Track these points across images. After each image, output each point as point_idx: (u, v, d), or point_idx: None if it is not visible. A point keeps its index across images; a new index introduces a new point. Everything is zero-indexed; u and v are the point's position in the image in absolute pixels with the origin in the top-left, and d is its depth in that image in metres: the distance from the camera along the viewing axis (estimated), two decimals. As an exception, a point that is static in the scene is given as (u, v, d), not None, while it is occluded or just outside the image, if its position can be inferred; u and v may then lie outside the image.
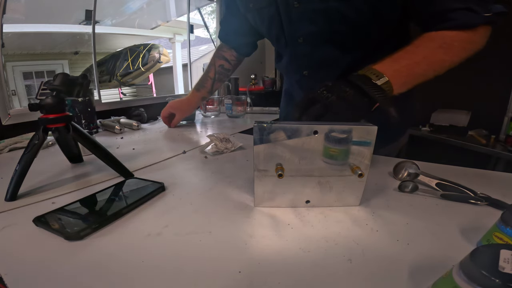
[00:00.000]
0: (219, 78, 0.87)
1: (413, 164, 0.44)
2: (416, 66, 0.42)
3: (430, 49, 0.44)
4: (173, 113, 0.92)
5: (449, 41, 0.43)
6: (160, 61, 4.07)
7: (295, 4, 0.52)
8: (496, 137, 1.53)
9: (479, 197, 0.36)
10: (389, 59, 0.42)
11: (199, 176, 0.49)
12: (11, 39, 3.05)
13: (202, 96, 0.90)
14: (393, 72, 0.40)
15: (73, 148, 0.55)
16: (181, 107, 0.92)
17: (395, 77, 0.39)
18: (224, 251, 0.28)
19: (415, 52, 0.43)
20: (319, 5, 0.50)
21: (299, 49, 0.59)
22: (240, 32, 0.75)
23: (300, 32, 0.56)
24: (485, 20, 0.42)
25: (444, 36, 0.44)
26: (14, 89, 3.85)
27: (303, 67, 0.63)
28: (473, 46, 0.45)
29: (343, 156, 0.34)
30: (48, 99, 0.43)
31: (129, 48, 4.23)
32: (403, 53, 0.43)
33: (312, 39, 0.57)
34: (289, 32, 0.58)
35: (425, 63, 0.43)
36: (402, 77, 0.41)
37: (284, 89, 0.85)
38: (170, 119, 0.93)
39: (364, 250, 0.27)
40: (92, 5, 1.27)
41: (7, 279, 0.24)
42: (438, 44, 0.44)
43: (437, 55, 0.43)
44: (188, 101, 0.91)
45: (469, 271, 0.17)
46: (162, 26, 3.93)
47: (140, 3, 3.27)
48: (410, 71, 0.42)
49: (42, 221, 0.32)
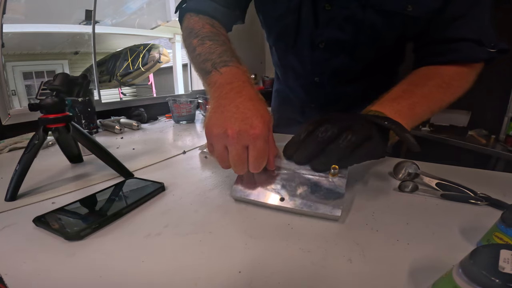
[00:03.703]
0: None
1: (413, 164, 0.44)
2: (416, 106, 0.40)
3: (428, 88, 0.42)
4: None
5: (447, 80, 0.42)
6: (160, 61, 4.07)
7: (326, 7, 0.48)
8: (496, 137, 1.53)
9: (479, 197, 0.36)
10: (388, 98, 0.40)
11: (199, 176, 0.49)
12: (11, 39, 3.05)
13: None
14: (395, 114, 0.37)
15: (73, 148, 0.55)
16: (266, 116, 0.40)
17: (397, 118, 0.35)
18: (224, 251, 0.28)
19: (414, 91, 0.41)
20: (354, 13, 0.46)
21: (316, 54, 0.56)
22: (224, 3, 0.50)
23: (324, 36, 0.52)
24: (489, 55, 0.41)
25: (443, 74, 0.42)
26: (14, 89, 3.85)
27: (315, 73, 0.59)
28: (468, 84, 0.44)
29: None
30: (48, 99, 0.43)
31: (129, 48, 4.23)
32: (401, 92, 0.41)
33: (335, 46, 0.53)
34: (309, 34, 0.53)
35: (424, 103, 0.41)
36: (404, 119, 0.37)
37: (276, 89, 0.80)
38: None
39: (364, 250, 0.27)
40: (92, 5, 1.27)
41: (7, 279, 0.24)
42: (437, 83, 0.42)
43: (436, 95, 0.42)
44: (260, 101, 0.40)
45: (469, 271, 0.17)
46: (162, 26, 3.92)
47: (140, 3, 3.27)
48: (411, 112, 0.39)
49: (42, 221, 0.32)
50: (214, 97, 0.34)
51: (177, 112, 1.04)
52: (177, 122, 1.06)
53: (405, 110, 0.38)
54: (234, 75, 0.36)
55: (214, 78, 0.36)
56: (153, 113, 1.16)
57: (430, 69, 0.43)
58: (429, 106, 0.41)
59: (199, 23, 0.46)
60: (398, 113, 0.37)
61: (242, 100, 0.32)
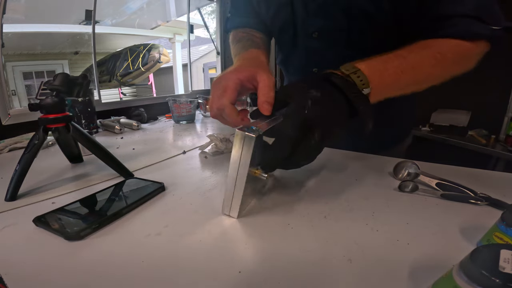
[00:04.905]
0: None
1: (413, 164, 0.44)
2: (401, 76, 0.37)
3: (421, 57, 0.40)
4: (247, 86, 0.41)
5: (444, 51, 0.40)
6: (160, 61, 4.08)
7: None
8: (496, 137, 1.53)
9: (479, 197, 0.36)
10: (378, 60, 0.38)
11: (199, 176, 0.49)
12: (11, 39, 3.06)
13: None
14: (378, 81, 0.35)
15: (73, 148, 0.55)
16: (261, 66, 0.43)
17: (378, 87, 0.35)
18: (224, 251, 0.28)
19: (406, 57, 0.39)
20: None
21: (311, 45, 0.56)
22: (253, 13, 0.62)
23: (316, 26, 0.53)
24: (492, 33, 0.39)
25: (441, 45, 0.40)
26: (14, 89, 3.85)
27: (313, 64, 0.59)
28: (467, 62, 0.41)
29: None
30: (48, 99, 0.43)
31: (129, 48, 4.24)
32: (393, 56, 0.39)
33: (328, 35, 0.53)
34: (303, 25, 0.54)
35: (412, 74, 0.39)
36: (384, 88, 0.36)
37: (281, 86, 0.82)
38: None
39: (364, 250, 0.27)
40: (92, 5, 1.27)
41: (7, 279, 0.24)
42: (432, 53, 0.40)
43: (427, 67, 0.39)
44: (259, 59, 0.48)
45: (469, 271, 0.17)
46: (162, 26, 3.93)
47: (140, 3, 3.28)
48: (394, 81, 0.37)
49: (42, 221, 0.32)
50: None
51: (177, 112, 1.04)
52: (177, 122, 1.06)
53: (388, 79, 0.37)
54: (242, 55, 0.50)
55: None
56: (153, 113, 1.16)
57: (429, 40, 0.41)
58: (415, 78, 0.39)
59: (236, 33, 0.63)
60: (381, 81, 0.36)
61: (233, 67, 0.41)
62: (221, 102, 0.36)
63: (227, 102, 0.35)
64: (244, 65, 0.41)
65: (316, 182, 0.45)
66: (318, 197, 0.39)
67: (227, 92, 0.36)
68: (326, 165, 0.52)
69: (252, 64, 0.41)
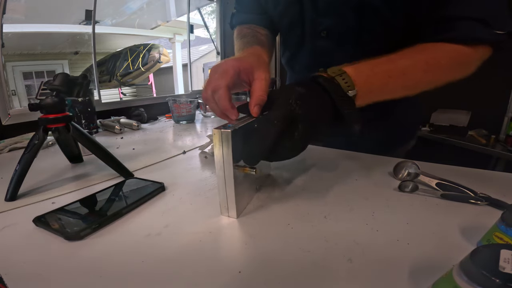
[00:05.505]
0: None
1: (413, 164, 0.44)
2: (389, 80, 0.37)
3: (413, 62, 0.38)
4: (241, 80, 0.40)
5: (438, 56, 0.38)
6: (160, 61, 4.08)
7: None
8: (496, 137, 1.52)
9: (479, 197, 0.36)
10: (367, 64, 0.37)
11: (199, 176, 0.49)
12: (11, 39, 3.06)
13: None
14: (364, 84, 0.34)
15: (73, 148, 0.55)
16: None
17: (363, 90, 0.34)
18: (224, 251, 0.28)
19: (397, 62, 0.38)
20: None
21: (319, 44, 0.54)
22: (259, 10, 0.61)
23: (325, 24, 0.51)
24: (495, 38, 0.37)
25: (437, 50, 0.39)
26: (14, 89, 3.85)
27: (320, 64, 0.55)
28: (465, 68, 0.40)
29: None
30: (48, 99, 0.43)
31: (129, 48, 4.24)
32: (384, 60, 0.38)
33: (337, 34, 0.52)
34: (311, 23, 0.53)
35: (401, 79, 0.38)
36: (371, 91, 0.36)
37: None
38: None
39: (364, 250, 0.27)
40: (92, 5, 1.27)
41: (7, 279, 0.24)
42: (425, 58, 0.38)
43: (418, 72, 0.38)
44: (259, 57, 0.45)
45: (469, 271, 0.17)
46: (162, 26, 3.93)
47: (140, 3, 3.28)
48: (382, 85, 0.37)
49: (42, 221, 0.32)
50: None
51: (177, 112, 1.04)
52: (177, 122, 1.06)
53: (376, 83, 0.36)
54: (246, 50, 0.50)
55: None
56: (153, 113, 1.16)
57: (427, 44, 0.40)
58: (403, 83, 0.38)
59: (241, 29, 0.62)
60: (368, 85, 0.35)
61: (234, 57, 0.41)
62: (217, 83, 0.35)
63: (224, 83, 0.35)
64: (245, 57, 0.41)
65: (316, 182, 0.45)
66: (318, 197, 0.39)
67: (226, 75, 0.35)
68: (326, 165, 0.52)
69: (254, 59, 0.41)
